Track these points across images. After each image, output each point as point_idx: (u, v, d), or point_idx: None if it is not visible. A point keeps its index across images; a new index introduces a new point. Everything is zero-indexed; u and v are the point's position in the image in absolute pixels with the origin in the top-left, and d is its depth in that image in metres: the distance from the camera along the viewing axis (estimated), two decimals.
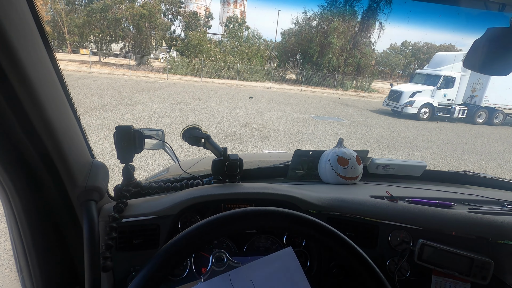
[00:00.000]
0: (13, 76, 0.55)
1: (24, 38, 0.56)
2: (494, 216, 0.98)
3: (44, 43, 0.65)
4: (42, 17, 0.63)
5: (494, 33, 0.96)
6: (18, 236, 0.75)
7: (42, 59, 0.65)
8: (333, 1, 26.10)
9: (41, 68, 0.64)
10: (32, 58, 0.59)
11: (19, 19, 0.55)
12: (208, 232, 0.58)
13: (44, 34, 0.65)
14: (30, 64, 0.58)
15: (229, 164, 1.04)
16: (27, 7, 0.59)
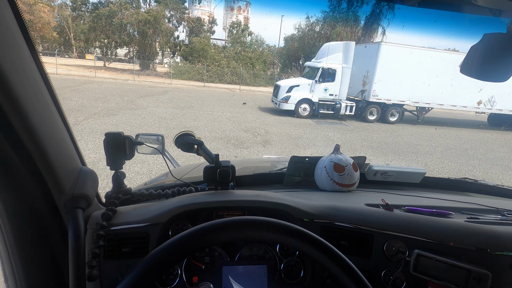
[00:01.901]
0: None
1: (4, 42, 0.56)
2: (492, 226, 0.95)
3: (29, 47, 0.65)
4: (26, 21, 0.63)
5: (491, 39, 0.94)
6: (4, 244, 0.74)
7: (26, 64, 0.64)
8: (336, 7, 26.21)
9: (24, 72, 0.63)
10: (13, 63, 0.58)
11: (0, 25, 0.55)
12: (189, 242, 0.57)
13: (29, 38, 0.64)
14: (11, 68, 0.57)
15: (220, 171, 1.02)
16: (10, 12, 0.58)
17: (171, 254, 0.56)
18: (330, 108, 13.32)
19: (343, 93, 13.60)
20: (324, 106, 13.31)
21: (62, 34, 31.42)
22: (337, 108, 13.19)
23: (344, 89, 13.55)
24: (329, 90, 13.31)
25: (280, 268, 1.00)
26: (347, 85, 13.59)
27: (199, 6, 44.02)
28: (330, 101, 13.34)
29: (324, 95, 13.29)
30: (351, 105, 13.38)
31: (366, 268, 0.95)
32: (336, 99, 13.40)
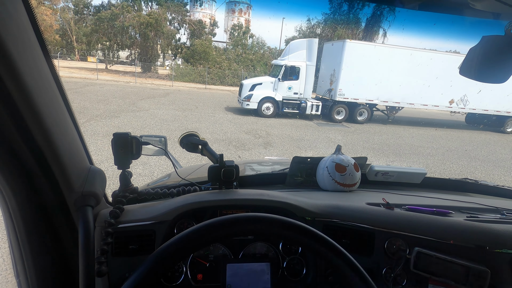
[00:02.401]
0: (11, 84, 0.57)
1: (22, 47, 0.59)
2: (491, 225, 0.96)
3: (43, 51, 0.68)
4: (41, 26, 0.65)
5: (489, 41, 0.96)
6: (16, 240, 0.76)
7: (40, 67, 0.67)
8: (337, 9, 26.33)
9: (39, 75, 0.66)
10: (30, 66, 0.61)
11: (17, 29, 0.58)
12: (194, 239, 0.59)
13: (43, 42, 0.67)
14: (28, 72, 0.60)
15: (225, 170, 1.05)
16: (26, 16, 0.61)
17: (177, 251, 0.59)
18: (296, 107, 12.88)
19: (308, 92, 13.15)
20: (289, 105, 12.88)
21: (64, 37, 31.63)
22: (303, 107, 12.77)
23: (309, 88, 13.10)
24: (293, 89, 12.85)
25: (282, 266, 1.01)
26: (311, 83, 13.22)
27: (201, 8, 44.22)
28: (295, 100, 12.90)
29: (288, 93, 12.83)
30: (317, 104, 12.97)
31: (368, 265, 0.97)
32: (301, 98, 12.95)
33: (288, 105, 12.86)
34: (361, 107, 13.50)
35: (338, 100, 13.16)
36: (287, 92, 12.80)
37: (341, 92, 13.14)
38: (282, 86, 12.71)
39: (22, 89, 0.59)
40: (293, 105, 12.90)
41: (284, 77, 12.68)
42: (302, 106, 12.77)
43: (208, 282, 0.98)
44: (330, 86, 13.63)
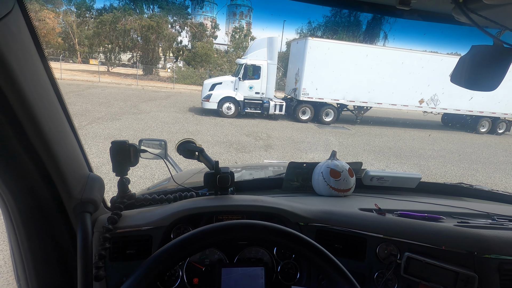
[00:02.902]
0: (12, 95, 0.60)
1: (22, 58, 0.61)
2: (480, 230, 0.98)
3: (42, 61, 0.71)
4: (41, 32, 0.68)
5: (478, 50, 0.99)
6: (17, 245, 0.79)
7: (39, 76, 0.70)
8: (338, 12, 26.39)
9: (39, 85, 0.69)
10: (29, 76, 0.64)
11: (18, 42, 0.61)
12: (190, 244, 0.61)
13: (42, 52, 0.70)
14: (27, 81, 0.63)
15: (220, 177, 1.07)
16: (24, 26, 0.64)
17: (172, 256, 0.61)
18: (258, 107, 12.51)
19: (270, 91, 12.77)
20: (251, 105, 12.49)
21: (67, 40, 31.85)
22: (265, 107, 12.41)
23: (271, 87, 12.72)
24: (254, 88, 12.39)
25: (277, 270, 1.04)
26: (274, 82, 12.88)
27: (202, 11, 44.46)
28: (257, 100, 12.47)
29: (249, 93, 12.39)
30: (281, 104, 12.61)
31: (360, 270, 1.00)
32: (264, 98, 12.52)
33: (250, 105, 12.49)
34: (327, 107, 13.19)
35: (302, 99, 12.87)
36: (249, 91, 12.40)
37: (305, 91, 12.82)
38: (243, 86, 12.32)
39: (22, 100, 0.62)
40: (255, 105, 12.52)
41: (245, 76, 12.29)
42: (265, 106, 12.42)
43: (204, 286, 1.00)
44: (295, 85, 13.32)
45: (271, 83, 12.72)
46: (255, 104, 12.54)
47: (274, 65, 12.58)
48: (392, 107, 13.73)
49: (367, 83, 12.98)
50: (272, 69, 12.56)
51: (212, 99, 12.04)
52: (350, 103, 13.47)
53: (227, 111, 12.16)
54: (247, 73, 12.32)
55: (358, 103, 13.49)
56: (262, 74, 12.36)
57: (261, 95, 12.52)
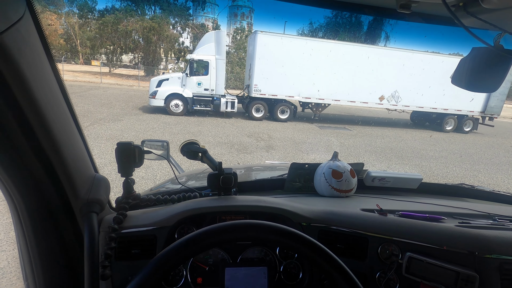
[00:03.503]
0: (22, 97, 0.62)
1: (32, 65, 0.63)
2: (481, 230, 0.99)
3: (51, 63, 0.72)
4: (49, 40, 0.70)
5: (478, 52, 1.00)
6: (25, 244, 0.81)
7: (49, 82, 0.72)
8: (339, 13, 26.41)
9: (48, 89, 0.70)
10: (40, 82, 0.66)
11: (28, 48, 0.62)
12: (194, 244, 0.63)
13: (50, 54, 0.72)
14: (37, 86, 0.65)
15: (223, 177, 1.09)
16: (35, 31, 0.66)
17: (177, 256, 0.62)
18: (208, 104, 12.05)
19: (220, 88, 12.11)
20: (201, 102, 12.02)
21: (69, 41, 31.98)
22: (216, 104, 11.96)
23: (220, 83, 12.07)
24: (203, 85, 11.85)
25: (279, 270, 1.05)
26: (223, 78, 12.19)
27: (203, 12, 44.57)
28: (207, 97, 11.98)
29: (198, 90, 11.87)
30: (232, 101, 12.12)
31: (362, 270, 1.01)
32: (214, 95, 12.00)
33: (200, 102, 12.03)
34: (282, 104, 12.64)
35: (254, 96, 12.30)
36: (197, 88, 11.88)
37: (256, 87, 12.20)
38: (190, 82, 11.82)
39: (32, 103, 0.64)
40: (205, 102, 12.06)
41: (192, 72, 11.79)
42: (215, 103, 11.98)
43: (207, 285, 1.01)
44: (248, 81, 12.69)
45: (221, 79, 12.08)
46: (205, 101, 12.06)
47: (222, 60, 11.94)
48: (351, 104, 13.23)
49: (323, 80, 12.51)
50: (221, 64, 11.92)
51: (159, 96, 11.59)
52: (306, 100, 12.95)
53: (175, 108, 11.67)
54: (194, 68, 11.81)
55: (315, 100, 12.94)
56: (210, 70, 11.76)
57: (210, 92, 11.98)
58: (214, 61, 11.72)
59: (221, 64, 11.92)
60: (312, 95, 12.77)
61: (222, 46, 11.83)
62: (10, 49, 0.55)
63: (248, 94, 12.72)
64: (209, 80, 11.88)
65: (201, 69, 11.82)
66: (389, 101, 13.31)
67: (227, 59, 28.47)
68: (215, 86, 11.98)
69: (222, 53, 11.89)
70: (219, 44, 11.77)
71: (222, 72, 12.01)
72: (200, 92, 11.95)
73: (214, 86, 11.98)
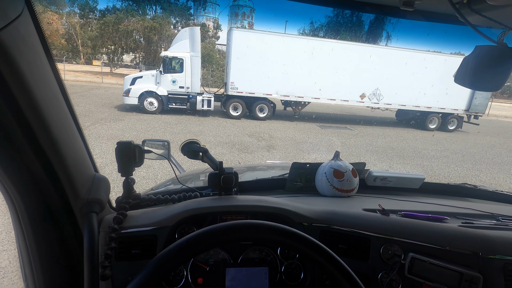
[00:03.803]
0: (21, 96, 0.61)
1: (31, 63, 0.63)
2: (485, 231, 0.98)
3: (50, 63, 0.72)
4: (48, 38, 0.70)
5: (482, 51, 0.99)
6: (24, 245, 0.80)
7: (48, 81, 0.71)
8: (340, 12, 26.36)
9: (48, 88, 0.70)
10: (38, 81, 0.65)
11: (28, 46, 0.62)
12: (194, 244, 0.62)
13: (49, 52, 0.71)
14: (36, 83, 0.64)
15: (224, 177, 1.08)
16: (33, 29, 0.65)
17: (177, 256, 0.62)
18: (184, 102, 11.73)
19: (195, 85, 11.76)
20: (177, 100, 11.71)
21: (70, 41, 32.06)
22: (192, 102, 11.64)
23: (196, 81, 11.72)
24: (178, 82, 11.53)
25: (281, 270, 1.04)
26: (198, 76, 11.90)
27: (204, 12, 44.56)
28: (183, 95, 11.66)
29: (173, 87, 11.56)
30: (209, 99, 11.78)
31: (364, 270, 1.00)
32: (190, 92, 11.67)
33: (175, 100, 11.71)
34: (261, 102, 12.27)
35: (231, 94, 12.02)
36: (172, 86, 11.56)
37: (233, 85, 11.89)
38: (165, 80, 11.49)
39: (32, 102, 0.63)
40: (181, 100, 11.73)
41: (166, 69, 11.45)
42: (191, 101, 11.65)
43: (208, 286, 1.01)
44: (225, 79, 12.40)
45: (196, 76, 11.74)
46: (181, 99, 11.74)
47: (197, 57, 11.59)
48: (331, 102, 12.92)
49: (302, 77, 12.18)
50: (196, 61, 11.59)
51: (132, 94, 11.24)
52: (284, 98, 12.63)
53: (149, 106, 11.38)
54: (168, 66, 11.47)
55: (294, 98, 12.59)
56: (185, 67, 11.42)
57: (185, 90, 11.66)
58: (188, 58, 11.38)
59: (196, 61, 11.60)
60: (291, 93, 12.46)
61: (196, 43, 11.51)
62: (8, 47, 0.54)
63: (225, 92, 12.44)
64: (184, 78, 11.56)
65: (175, 66, 11.50)
66: (371, 99, 13.00)
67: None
68: (190, 84, 11.66)
69: (197, 50, 11.59)
70: (193, 41, 11.45)
71: (197, 70, 11.73)
72: (175, 90, 11.64)
73: (189, 84, 11.65)
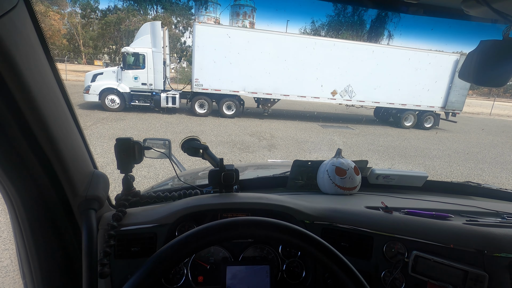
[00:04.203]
0: (17, 90, 0.60)
1: (28, 57, 0.61)
2: (490, 229, 0.96)
3: (48, 59, 0.71)
4: (47, 33, 0.68)
5: (487, 46, 0.97)
6: (22, 242, 0.79)
7: (45, 75, 0.70)
8: (341, 11, 26.30)
9: (45, 84, 0.68)
10: (35, 75, 0.64)
11: (24, 40, 0.60)
12: (194, 241, 0.61)
13: (48, 51, 0.70)
14: (34, 81, 0.63)
15: (225, 174, 1.06)
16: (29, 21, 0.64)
17: (177, 253, 0.60)
18: (148, 99, 11.39)
19: (159, 82, 11.41)
20: (140, 97, 11.33)
21: (72, 41, 32.14)
22: (156, 99, 11.32)
23: (159, 77, 11.39)
24: (140, 79, 11.15)
25: (282, 269, 1.03)
26: (161, 72, 11.43)
27: (206, 12, 44.53)
28: (146, 92, 11.33)
29: (135, 84, 11.17)
30: (173, 96, 11.44)
31: (367, 269, 0.98)
32: (154, 89, 11.36)
33: (139, 98, 11.34)
34: (228, 99, 11.88)
35: (196, 91, 11.63)
36: (134, 82, 11.16)
37: (198, 82, 11.49)
38: (126, 76, 11.08)
39: (28, 96, 0.62)
40: (144, 97, 11.38)
41: (127, 65, 11.04)
42: (155, 98, 11.34)
43: (208, 284, 0.99)
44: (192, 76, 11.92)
45: (159, 73, 11.36)
46: (144, 96, 11.38)
47: (159, 53, 11.22)
48: (301, 99, 12.46)
49: (269, 73, 11.80)
50: (158, 57, 11.21)
51: (92, 91, 10.87)
52: (252, 95, 12.17)
53: (111, 104, 10.98)
54: (128, 61, 11.06)
55: (262, 95, 12.18)
56: (147, 63, 11.05)
57: (148, 86, 11.30)
58: (150, 54, 11.00)
59: (159, 57, 11.23)
60: (259, 90, 12.04)
61: (158, 38, 11.12)
62: (3, 39, 0.53)
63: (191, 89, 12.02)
64: (146, 74, 11.18)
65: (136, 62, 11.11)
66: (342, 96, 12.62)
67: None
68: (153, 81, 11.31)
69: (158, 45, 11.20)
70: (154, 36, 11.07)
71: (159, 66, 11.34)
72: (138, 87, 11.27)
73: (152, 81, 11.29)
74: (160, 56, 11.28)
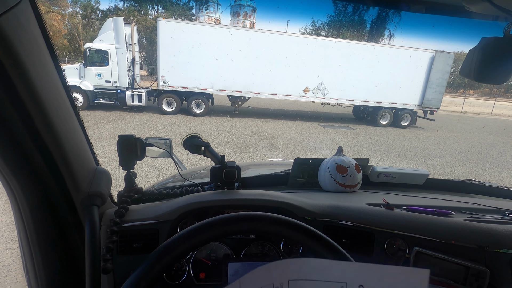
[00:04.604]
0: (21, 86, 0.60)
1: (32, 55, 0.62)
2: (491, 225, 0.97)
3: (52, 58, 0.71)
4: (50, 32, 0.69)
5: (488, 43, 0.97)
6: (25, 238, 0.80)
7: (50, 73, 0.70)
8: (342, 11, 26.31)
9: (49, 81, 0.69)
10: (40, 73, 0.64)
11: (28, 38, 0.61)
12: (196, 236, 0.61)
13: (52, 49, 0.70)
14: (39, 78, 0.63)
15: (226, 171, 1.07)
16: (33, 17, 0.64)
17: (178, 247, 0.60)
18: (113, 97, 11.12)
19: (123, 80, 11.07)
20: (104, 95, 11.06)
21: (72, 42, 32.20)
22: (121, 97, 11.02)
23: (123, 75, 11.04)
24: (104, 76, 10.86)
25: None
26: (126, 69, 11.09)
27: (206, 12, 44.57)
28: (111, 90, 11.03)
29: (99, 82, 10.86)
30: (139, 94, 11.13)
31: None
32: (118, 87, 11.05)
33: (103, 95, 11.07)
34: (197, 97, 11.68)
35: (163, 89, 11.40)
36: (98, 80, 10.86)
37: (163, 79, 11.25)
38: (89, 73, 10.76)
39: (32, 92, 0.62)
40: (109, 95, 11.09)
41: (89, 62, 10.72)
42: (120, 96, 11.04)
43: (210, 280, 1.00)
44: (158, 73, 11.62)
45: (123, 70, 10.99)
46: (109, 94, 11.08)
47: (123, 49, 10.87)
48: (272, 97, 12.22)
49: (238, 71, 11.54)
50: (122, 54, 10.87)
51: None
52: (220, 93, 11.93)
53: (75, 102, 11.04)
54: (91, 58, 10.75)
55: (231, 92, 11.93)
56: (110, 60, 10.72)
57: (112, 84, 10.97)
58: (114, 51, 10.67)
59: (122, 53, 10.88)
60: (228, 87, 11.76)
61: (121, 35, 10.80)
62: (7, 34, 0.54)
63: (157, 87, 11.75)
64: (110, 71, 10.84)
65: (99, 59, 10.79)
66: (315, 94, 12.32)
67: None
68: (117, 78, 10.96)
69: (122, 42, 10.86)
70: (117, 33, 10.76)
71: (124, 63, 10.98)
72: (102, 84, 10.95)
73: (116, 78, 10.95)
74: (124, 53, 10.94)
